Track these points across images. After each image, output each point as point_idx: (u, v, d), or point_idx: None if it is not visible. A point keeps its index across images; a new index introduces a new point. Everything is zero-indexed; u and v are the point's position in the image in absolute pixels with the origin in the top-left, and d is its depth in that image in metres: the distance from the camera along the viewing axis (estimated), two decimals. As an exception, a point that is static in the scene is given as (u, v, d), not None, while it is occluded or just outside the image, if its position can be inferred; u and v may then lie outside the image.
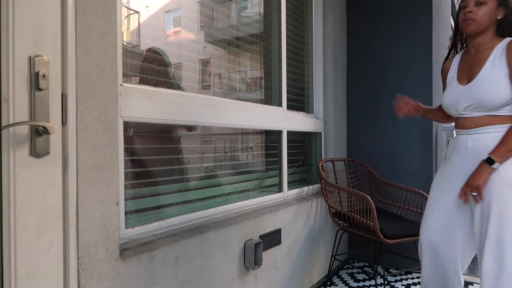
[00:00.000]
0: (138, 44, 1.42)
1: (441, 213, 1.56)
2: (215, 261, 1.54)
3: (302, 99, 2.63)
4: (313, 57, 2.72)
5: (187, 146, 1.63)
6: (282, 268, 2.03)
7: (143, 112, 1.33)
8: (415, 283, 2.47)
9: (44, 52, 0.94)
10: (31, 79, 0.91)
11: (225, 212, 1.73)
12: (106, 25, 1.11)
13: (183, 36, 1.63)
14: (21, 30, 0.89)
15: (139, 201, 1.38)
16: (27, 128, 0.91)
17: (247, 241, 1.73)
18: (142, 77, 1.43)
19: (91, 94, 1.07)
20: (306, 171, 2.68)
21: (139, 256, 1.21)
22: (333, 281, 2.49)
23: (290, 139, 2.36)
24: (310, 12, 2.70)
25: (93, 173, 1.07)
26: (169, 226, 1.43)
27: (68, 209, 0.99)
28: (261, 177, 2.13)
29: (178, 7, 1.62)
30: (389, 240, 2.06)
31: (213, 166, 1.77)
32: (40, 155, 0.93)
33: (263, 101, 2.17)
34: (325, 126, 2.77)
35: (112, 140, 1.13)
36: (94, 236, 1.07)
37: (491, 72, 1.42)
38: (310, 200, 2.39)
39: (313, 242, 2.38)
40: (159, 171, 1.51)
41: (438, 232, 1.56)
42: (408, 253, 2.59)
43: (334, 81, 2.76)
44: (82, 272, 1.03)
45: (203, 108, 1.61)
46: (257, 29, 2.14)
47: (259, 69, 2.15)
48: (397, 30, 2.69)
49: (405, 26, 2.68)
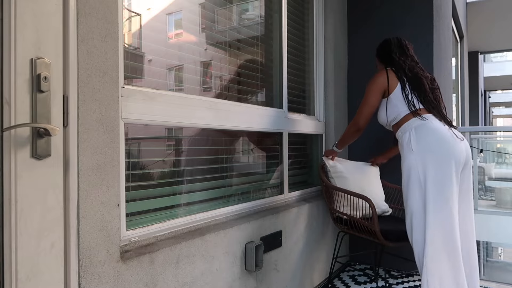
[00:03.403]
0: (139, 46, 1.42)
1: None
2: (216, 263, 1.54)
3: (303, 101, 2.63)
4: (314, 59, 2.72)
5: (188, 148, 1.63)
6: (283, 270, 2.02)
7: (145, 114, 1.33)
8: (417, 286, 2.46)
9: (45, 54, 0.94)
10: (33, 81, 0.91)
11: (226, 214, 1.73)
12: (107, 27, 1.11)
13: (184, 38, 1.63)
14: (23, 32, 0.89)
15: (140, 203, 1.38)
16: (29, 130, 0.91)
17: (248, 243, 1.73)
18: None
19: (92, 96, 1.07)
20: (307, 173, 2.68)
21: (140, 258, 1.21)
22: (334, 284, 2.48)
23: (291, 141, 2.36)
24: (311, 15, 2.71)
25: (94, 175, 1.07)
26: (170, 228, 1.43)
27: (69, 211, 1.00)
28: (262, 179, 2.13)
29: (180, 9, 1.62)
30: (390, 242, 2.06)
31: (214, 168, 1.77)
32: (41, 157, 0.93)
33: (264, 103, 2.17)
34: (326, 128, 2.77)
35: (113, 142, 1.13)
36: (95, 238, 1.07)
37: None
38: (311, 202, 2.39)
39: (314, 244, 2.37)
40: (160, 172, 1.51)
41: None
42: (409, 255, 2.58)
43: (335, 83, 2.76)
44: (83, 274, 1.03)
45: (204, 110, 1.61)
46: (258, 31, 2.14)
47: (260, 71, 2.16)
48: (398, 33, 2.69)
49: (406, 28, 2.68)
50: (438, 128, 1.77)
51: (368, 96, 1.97)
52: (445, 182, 1.70)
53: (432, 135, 1.76)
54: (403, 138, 1.85)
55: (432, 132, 1.76)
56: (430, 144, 1.74)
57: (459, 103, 5.67)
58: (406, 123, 1.86)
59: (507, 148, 8.18)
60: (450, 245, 1.67)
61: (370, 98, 1.96)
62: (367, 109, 1.98)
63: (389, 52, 2.05)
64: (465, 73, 6.05)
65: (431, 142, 1.75)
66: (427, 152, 1.73)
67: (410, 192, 1.76)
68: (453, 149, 1.72)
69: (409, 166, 1.77)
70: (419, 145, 1.76)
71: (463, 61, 5.89)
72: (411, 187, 1.76)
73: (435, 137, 1.75)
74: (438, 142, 1.74)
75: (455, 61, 5.44)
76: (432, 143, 1.74)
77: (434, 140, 1.75)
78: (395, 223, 2.26)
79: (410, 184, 1.76)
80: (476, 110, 8.26)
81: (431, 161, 1.72)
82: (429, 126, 1.78)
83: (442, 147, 1.73)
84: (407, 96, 1.88)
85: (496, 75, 12.07)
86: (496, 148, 8.12)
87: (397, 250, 2.64)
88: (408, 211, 1.78)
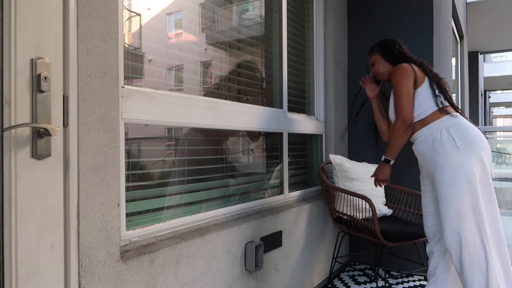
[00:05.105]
0: (139, 46, 1.42)
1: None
2: (216, 263, 1.54)
3: (303, 101, 2.63)
4: (314, 59, 2.72)
5: (188, 148, 1.63)
6: (283, 270, 2.02)
7: (145, 114, 1.33)
8: (417, 286, 2.46)
9: (46, 54, 0.94)
10: (33, 81, 0.91)
11: (226, 214, 1.73)
12: (107, 27, 1.11)
13: (184, 38, 1.63)
14: (23, 32, 0.89)
15: (140, 203, 1.38)
16: (29, 130, 0.91)
17: (248, 243, 1.73)
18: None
19: (92, 96, 1.07)
20: (307, 173, 2.68)
21: (140, 258, 1.21)
22: (334, 284, 2.48)
23: (291, 141, 2.36)
24: (311, 14, 2.71)
25: (94, 175, 1.07)
26: (170, 228, 1.43)
27: (69, 210, 1.00)
28: (262, 179, 2.13)
29: (180, 9, 1.62)
30: (390, 242, 2.06)
31: (214, 167, 1.77)
32: (41, 157, 0.93)
33: (264, 103, 2.17)
34: (326, 128, 2.77)
35: (113, 142, 1.13)
36: (95, 238, 1.07)
37: (392, 97, 1.94)
38: (311, 202, 2.39)
39: (314, 244, 2.37)
40: (160, 172, 1.51)
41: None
42: (409, 255, 2.58)
43: (335, 83, 2.76)
44: (83, 274, 1.03)
45: (204, 110, 1.61)
46: (258, 31, 2.14)
47: (260, 71, 2.16)
48: (398, 33, 2.69)
49: (406, 28, 2.68)
50: (472, 126, 1.73)
51: (401, 86, 1.80)
52: (489, 180, 1.68)
53: (472, 133, 1.70)
54: (436, 137, 1.74)
55: (471, 129, 1.71)
56: (473, 142, 1.68)
57: (459, 103, 5.67)
58: (437, 121, 1.76)
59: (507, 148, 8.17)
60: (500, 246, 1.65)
61: (405, 88, 1.80)
62: (407, 99, 1.80)
63: (399, 49, 2.00)
64: (465, 73, 6.05)
65: (473, 140, 1.68)
66: (471, 150, 1.66)
67: (456, 192, 1.64)
68: (487, 147, 1.70)
69: (454, 164, 1.66)
70: (464, 143, 1.68)
71: (463, 61, 5.89)
72: (458, 187, 1.64)
73: (476, 135, 1.70)
74: (479, 140, 1.69)
75: (455, 61, 5.44)
76: (475, 141, 1.68)
77: (476, 138, 1.69)
78: (395, 223, 2.26)
79: (457, 183, 1.64)
80: (476, 110, 8.26)
81: (476, 159, 1.66)
82: (465, 124, 1.73)
83: (481, 145, 1.69)
84: (435, 91, 1.81)
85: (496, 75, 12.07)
86: (496, 148, 8.11)
87: (397, 250, 2.65)
88: (452, 211, 1.65)
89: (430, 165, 1.77)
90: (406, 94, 1.79)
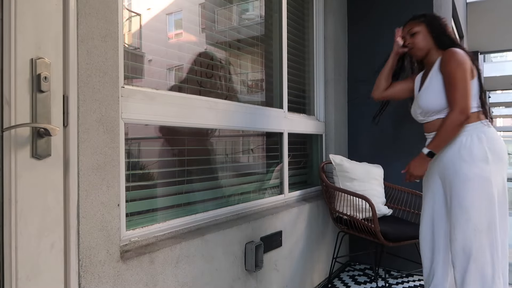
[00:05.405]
0: (139, 46, 1.42)
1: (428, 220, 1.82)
2: (216, 263, 1.54)
3: (303, 101, 2.63)
4: (314, 59, 2.72)
5: (188, 148, 1.63)
6: (283, 270, 2.02)
7: (145, 114, 1.33)
8: (417, 286, 2.46)
9: (46, 54, 0.94)
10: (33, 81, 0.91)
11: (226, 214, 1.73)
12: (107, 27, 1.11)
13: (184, 38, 1.63)
14: (23, 32, 0.89)
15: (140, 203, 1.38)
16: (29, 130, 0.91)
17: (248, 243, 1.73)
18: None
19: (92, 96, 1.07)
20: (307, 173, 2.68)
21: (140, 258, 1.21)
22: (334, 284, 2.48)
23: (291, 141, 2.36)
24: (311, 14, 2.71)
25: (94, 175, 1.07)
26: (170, 228, 1.43)
27: (69, 210, 1.00)
28: (262, 179, 2.13)
29: (180, 9, 1.62)
30: (390, 242, 2.06)
31: (214, 168, 1.77)
32: (41, 157, 0.93)
33: (264, 103, 2.17)
34: (326, 128, 2.77)
35: (113, 142, 1.13)
36: (95, 238, 1.07)
37: (431, 82, 1.71)
38: (311, 202, 2.39)
39: (314, 244, 2.37)
40: (160, 172, 1.51)
41: (428, 239, 1.81)
42: (409, 255, 2.58)
43: (335, 83, 2.76)
44: (83, 274, 1.03)
45: (204, 110, 1.61)
46: (258, 31, 2.14)
47: (260, 71, 2.16)
48: (398, 32, 2.68)
49: (406, 28, 2.68)
50: (500, 138, 1.64)
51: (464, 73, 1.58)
52: (505, 196, 1.62)
53: (502, 146, 1.62)
54: (465, 142, 1.60)
55: (501, 142, 1.62)
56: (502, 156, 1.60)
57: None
58: (470, 124, 1.61)
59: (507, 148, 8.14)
60: (504, 260, 1.61)
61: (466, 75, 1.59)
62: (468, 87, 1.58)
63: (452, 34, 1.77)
64: (465, 73, 6.04)
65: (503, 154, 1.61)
66: (499, 165, 1.58)
67: (477, 207, 1.54)
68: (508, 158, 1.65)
69: (482, 177, 1.55)
70: (495, 156, 1.58)
71: (463, 61, 5.88)
72: (480, 202, 1.55)
73: (504, 148, 1.62)
74: (506, 155, 1.62)
75: (455, 61, 5.42)
76: (504, 155, 1.61)
77: (505, 152, 1.62)
78: (396, 224, 2.26)
79: (480, 198, 1.54)
80: (476, 110, 8.25)
81: (500, 173, 1.59)
82: (497, 135, 1.62)
83: (505, 157, 1.62)
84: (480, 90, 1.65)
85: (496, 75, 12.05)
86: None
87: (397, 250, 2.65)
88: (470, 227, 1.55)
89: (448, 172, 1.64)
90: (468, 82, 1.58)
